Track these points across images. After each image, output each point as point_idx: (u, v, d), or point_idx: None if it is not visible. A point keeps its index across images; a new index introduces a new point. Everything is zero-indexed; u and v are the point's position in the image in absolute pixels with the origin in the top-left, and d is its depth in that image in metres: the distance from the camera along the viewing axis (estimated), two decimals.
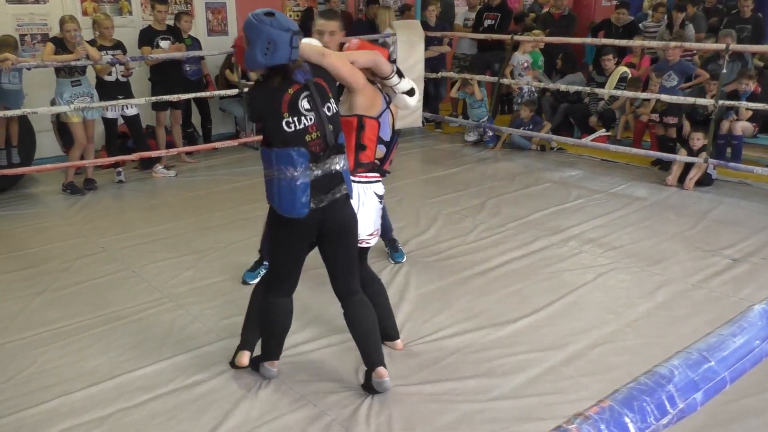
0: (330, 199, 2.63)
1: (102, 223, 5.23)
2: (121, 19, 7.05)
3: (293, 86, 2.56)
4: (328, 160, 2.60)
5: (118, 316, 3.69)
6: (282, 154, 2.54)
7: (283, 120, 2.54)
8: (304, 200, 2.55)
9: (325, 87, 2.65)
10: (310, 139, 2.57)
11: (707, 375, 0.81)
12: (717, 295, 3.94)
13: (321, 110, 2.59)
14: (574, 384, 3.04)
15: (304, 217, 2.59)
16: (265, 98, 2.61)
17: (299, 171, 2.52)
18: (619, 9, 8.61)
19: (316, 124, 2.58)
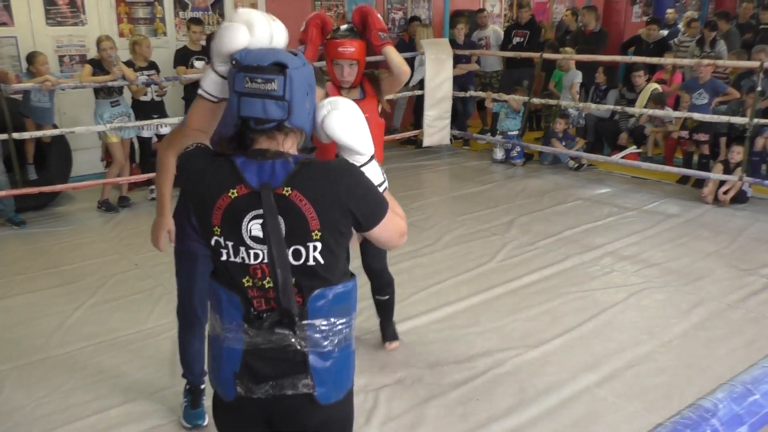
0: (269, 392, 1.51)
1: (136, 239, 5.32)
2: (156, 40, 7.21)
3: (238, 187, 1.46)
4: (277, 329, 1.48)
5: (153, 333, 3.74)
6: (214, 288, 1.56)
7: (212, 237, 1.50)
8: (229, 376, 1.54)
9: (304, 211, 1.44)
10: (250, 285, 1.49)
11: (752, 409, 0.80)
12: (754, 316, 3.86)
13: (279, 247, 1.44)
14: (609, 406, 3.00)
15: (230, 402, 1.57)
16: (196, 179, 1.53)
17: (228, 327, 1.53)
18: (650, 25, 8.56)
19: (266, 266, 1.47)
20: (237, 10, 1.59)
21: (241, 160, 1.46)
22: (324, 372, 1.51)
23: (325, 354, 1.51)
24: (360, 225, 1.50)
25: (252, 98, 1.43)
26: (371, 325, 3.74)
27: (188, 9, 7.50)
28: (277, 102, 1.43)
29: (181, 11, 7.46)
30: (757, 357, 0.98)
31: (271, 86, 1.42)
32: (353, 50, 3.07)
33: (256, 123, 1.45)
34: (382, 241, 1.58)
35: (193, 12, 7.49)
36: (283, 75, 1.42)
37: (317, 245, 1.45)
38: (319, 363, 1.50)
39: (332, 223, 1.45)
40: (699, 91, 6.64)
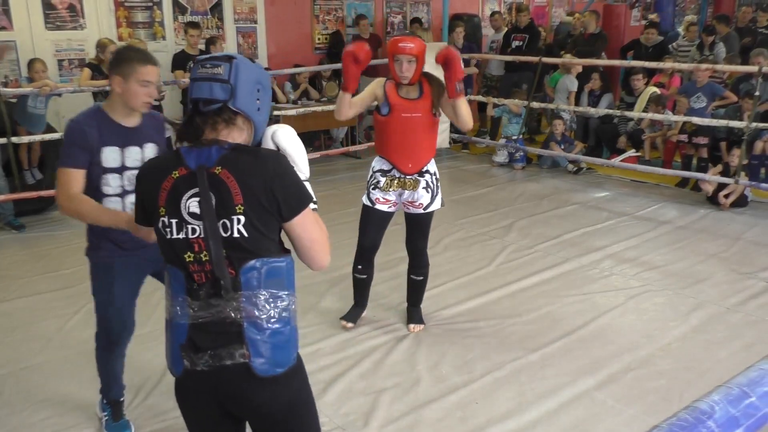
0: (210, 363, 1.59)
1: None
2: (155, 44, 7.23)
3: (179, 169, 1.60)
4: (213, 300, 1.58)
5: (151, 337, 3.72)
6: (166, 270, 1.66)
7: (159, 219, 1.62)
8: (176, 350, 1.63)
9: (230, 186, 1.56)
10: (191, 260, 1.60)
11: (749, 411, 0.79)
12: (753, 319, 3.86)
13: (211, 221, 1.56)
14: (608, 410, 2.99)
15: (180, 378, 1.67)
16: (146, 175, 1.69)
17: (176, 302, 1.63)
18: (648, 29, 8.58)
19: (202, 240, 1.58)
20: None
21: (185, 148, 1.62)
22: (260, 343, 1.58)
23: (260, 326, 1.58)
24: (281, 211, 1.60)
25: (201, 82, 1.60)
26: (375, 333, 3.74)
27: (187, 13, 7.52)
28: (222, 85, 1.59)
29: (180, 15, 7.47)
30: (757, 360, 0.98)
31: (217, 71, 1.60)
32: (413, 46, 3.26)
33: (204, 104, 1.60)
34: (304, 242, 1.66)
35: (192, 16, 7.51)
36: (229, 63, 1.61)
37: (240, 218, 1.56)
38: (255, 334, 1.58)
39: (254, 199, 1.56)
40: (697, 94, 6.66)
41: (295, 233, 1.65)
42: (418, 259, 3.68)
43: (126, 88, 2.44)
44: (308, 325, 3.83)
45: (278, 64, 7.95)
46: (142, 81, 2.44)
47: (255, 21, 8.09)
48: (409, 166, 3.46)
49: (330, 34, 8.65)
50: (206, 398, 1.67)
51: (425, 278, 3.74)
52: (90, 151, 2.47)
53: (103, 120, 2.50)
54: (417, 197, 3.50)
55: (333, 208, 6.11)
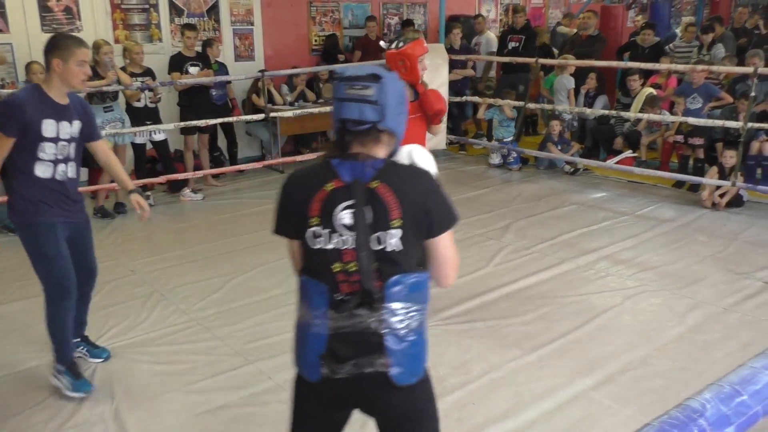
0: (351, 371, 1.65)
1: (132, 246, 5.31)
2: (151, 46, 7.22)
3: (334, 182, 1.66)
4: (358, 311, 1.63)
5: (147, 340, 3.73)
6: (302, 281, 1.72)
7: (310, 229, 1.67)
8: (314, 359, 1.68)
9: (388, 201, 1.63)
10: (338, 270, 1.65)
11: (740, 409, 0.80)
12: (750, 319, 3.86)
13: (364, 234, 1.63)
14: (605, 410, 2.99)
15: (315, 383, 1.72)
16: (298, 184, 1.74)
17: (315, 314, 1.68)
18: (645, 30, 8.59)
19: (354, 252, 1.64)
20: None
21: (337, 161, 1.67)
22: (399, 353, 1.65)
23: (401, 337, 1.65)
24: (431, 226, 1.68)
25: (350, 102, 1.65)
26: None
27: (184, 15, 7.51)
28: (372, 106, 1.64)
29: (177, 17, 7.47)
30: None
31: (367, 92, 1.64)
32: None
33: (353, 125, 1.66)
34: (441, 259, 1.74)
35: (188, 18, 7.50)
36: (377, 83, 1.65)
37: (397, 233, 1.63)
38: (395, 345, 1.65)
39: (411, 214, 1.64)
40: (693, 95, 6.67)
41: (437, 250, 1.72)
42: None
43: (66, 68, 2.90)
44: None
45: (275, 65, 7.95)
46: (80, 62, 2.91)
47: (252, 23, 8.09)
48: None
49: (326, 36, 8.64)
50: (339, 402, 1.75)
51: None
52: (24, 123, 2.85)
53: (41, 96, 2.93)
54: None
55: None
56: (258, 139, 8.15)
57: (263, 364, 3.42)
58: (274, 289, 4.34)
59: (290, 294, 4.33)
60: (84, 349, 3.47)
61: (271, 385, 3.22)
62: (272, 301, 4.17)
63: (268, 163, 7.41)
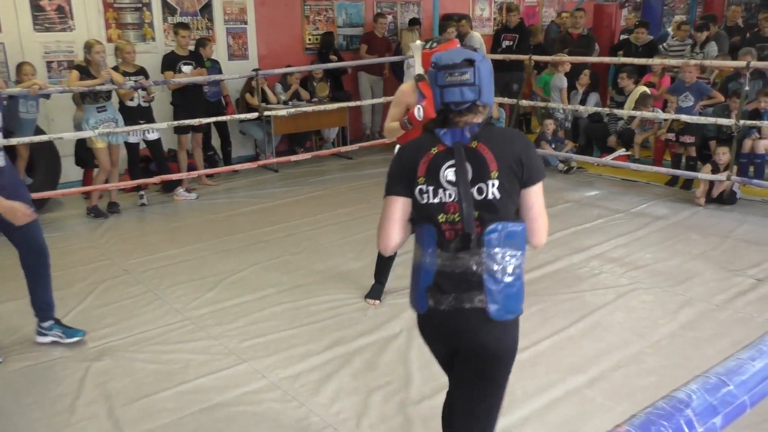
0: (452, 304, 1.92)
1: (125, 245, 5.30)
2: (144, 45, 7.21)
3: (438, 146, 1.94)
4: (460, 253, 1.89)
5: (141, 339, 3.73)
6: (417, 228, 2.00)
7: (417, 187, 1.95)
8: (423, 291, 1.97)
9: (487, 158, 1.89)
10: (443, 220, 1.92)
11: (726, 399, 0.80)
12: (742, 316, 3.88)
13: (466, 187, 1.88)
14: (598, 407, 3.01)
15: (423, 315, 2.01)
16: (407, 153, 2.02)
17: (426, 253, 1.96)
18: (638, 28, 8.62)
19: (457, 203, 1.90)
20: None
21: (439, 130, 1.95)
22: (495, 293, 1.89)
23: (497, 278, 1.89)
24: (524, 176, 1.90)
25: (452, 88, 1.90)
26: (367, 332, 3.75)
27: (177, 14, 7.49)
28: (471, 87, 1.90)
29: (170, 16, 7.45)
30: None
31: (465, 77, 1.90)
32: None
33: (456, 105, 1.92)
34: (534, 212, 1.94)
35: (181, 17, 7.49)
36: (472, 67, 1.90)
37: (495, 183, 1.87)
38: (492, 284, 1.89)
39: (507, 166, 1.88)
40: (685, 93, 6.69)
41: (530, 201, 1.93)
42: None
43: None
44: (300, 325, 3.83)
45: (269, 64, 7.94)
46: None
47: (245, 22, 8.08)
48: None
49: (321, 35, 8.64)
50: (442, 334, 2.01)
51: None
52: None
53: None
54: None
55: (324, 210, 6.12)
56: (252, 138, 8.14)
57: (257, 362, 3.42)
58: (267, 288, 4.34)
59: (284, 293, 4.37)
60: (59, 331, 3.63)
61: (266, 383, 3.22)
62: (266, 300, 4.17)
63: (262, 163, 7.41)
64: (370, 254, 4.92)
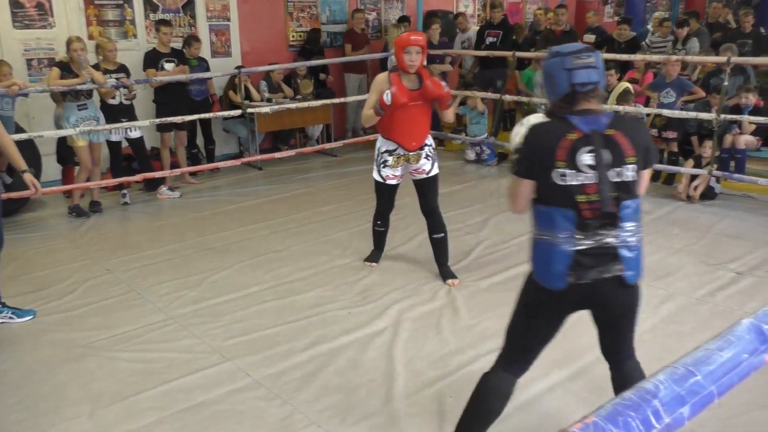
0: (594, 277, 2.15)
1: (107, 244, 5.26)
2: (126, 43, 7.15)
3: (574, 133, 2.11)
4: (600, 230, 2.12)
5: (124, 338, 3.70)
6: (544, 211, 2.17)
7: (555, 170, 2.10)
8: (561, 271, 2.14)
9: (622, 144, 2.11)
10: (582, 201, 2.10)
11: (694, 389, 0.81)
12: (722, 309, 3.92)
13: (604, 171, 2.09)
14: (581, 401, 3.03)
15: (558, 291, 2.19)
16: (540, 138, 2.17)
17: (560, 235, 2.13)
18: (621, 25, 8.67)
19: (596, 186, 2.10)
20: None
21: (571, 116, 2.13)
22: (630, 260, 2.16)
23: (630, 247, 2.16)
24: (647, 160, 2.20)
25: (579, 70, 2.12)
26: (351, 329, 3.75)
27: (159, 11, 7.44)
28: (595, 70, 2.14)
29: (152, 13, 7.40)
30: None
31: (590, 60, 2.13)
32: (421, 39, 3.96)
33: (582, 87, 2.12)
34: (644, 185, 2.25)
35: (163, 14, 7.43)
36: (594, 53, 2.17)
37: (631, 167, 2.12)
38: (626, 254, 2.16)
39: (639, 152, 2.14)
40: (666, 89, 6.74)
41: (644, 178, 2.23)
42: (435, 218, 4.31)
43: None
44: (284, 323, 3.82)
45: (252, 62, 7.90)
46: None
47: (228, 19, 8.03)
48: (413, 144, 4.15)
49: (307, 32, 8.60)
50: (580, 303, 2.25)
51: (446, 234, 4.34)
52: None
53: None
54: (420, 165, 4.22)
55: (308, 207, 6.11)
56: (236, 136, 8.11)
57: (241, 361, 3.41)
58: (252, 286, 4.33)
59: (268, 291, 4.36)
60: (8, 312, 3.84)
61: (250, 381, 3.21)
62: (250, 298, 4.16)
63: (246, 161, 7.38)
64: (354, 252, 4.92)
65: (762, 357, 0.91)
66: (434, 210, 4.31)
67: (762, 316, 0.98)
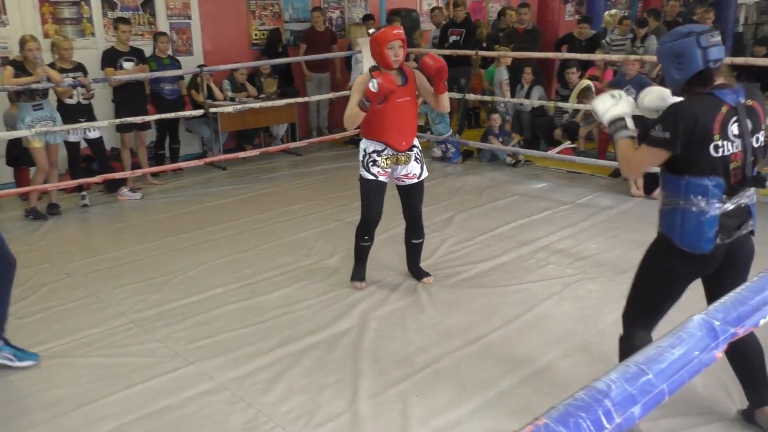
0: (735, 235, 2.40)
1: (67, 248, 5.14)
2: (83, 41, 6.99)
3: (724, 106, 2.32)
4: (740, 192, 2.37)
5: (84, 343, 3.62)
6: (695, 182, 2.34)
7: (712, 143, 2.29)
8: (711, 235, 2.36)
9: (759, 112, 2.39)
10: (733, 167, 2.33)
11: (645, 388, 0.81)
12: (682, 302, 3.97)
13: (748, 138, 2.34)
14: (545, 396, 3.05)
15: (705, 254, 2.40)
16: (697, 115, 2.31)
17: (711, 203, 2.34)
18: (582, 24, 8.79)
19: (741, 153, 2.34)
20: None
21: (717, 91, 2.33)
22: (753, 215, 2.47)
23: (753, 204, 2.47)
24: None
25: (714, 48, 2.33)
26: (315, 330, 3.73)
27: (117, 9, 7.29)
28: (722, 47, 2.37)
29: (110, 11, 7.25)
30: None
31: (718, 38, 2.35)
32: (402, 31, 3.82)
33: (714, 63, 2.34)
34: None
35: (122, 12, 7.29)
36: (718, 31, 2.38)
37: (763, 132, 2.40)
38: (753, 210, 2.47)
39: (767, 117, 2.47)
40: (626, 87, 6.84)
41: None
42: (418, 224, 4.22)
43: None
44: (249, 324, 3.78)
45: (214, 60, 7.79)
46: None
47: (189, 17, 7.91)
48: (403, 144, 3.96)
49: (269, 31, 8.52)
50: (714, 262, 2.45)
51: (424, 239, 4.32)
52: None
53: None
54: (410, 169, 4.04)
55: (273, 207, 6.06)
56: (198, 136, 7.99)
57: (205, 364, 3.36)
58: (215, 288, 4.28)
59: (232, 292, 4.30)
60: (9, 352, 3.30)
61: (213, 385, 3.17)
62: (214, 300, 4.11)
63: (209, 160, 7.28)
64: (319, 252, 4.89)
65: (713, 353, 0.92)
66: (419, 215, 4.20)
67: (713, 312, 0.99)
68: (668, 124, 2.32)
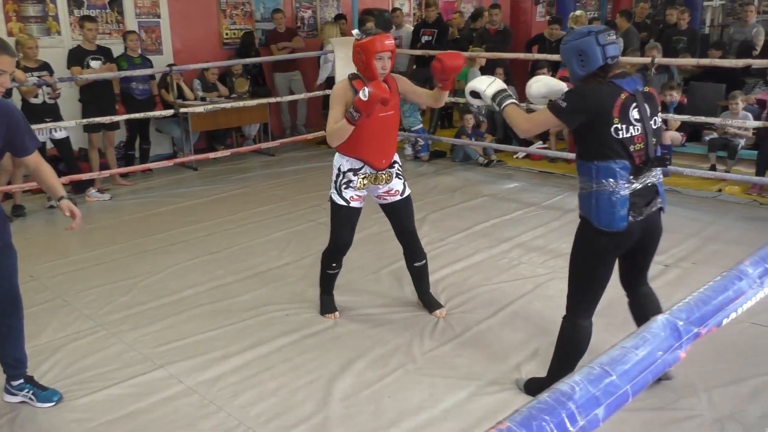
0: (646, 212, 2.65)
1: (32, 250, 5.03)
2: (49, 39, 6.86)
3: (623, 93, 2.55)
4: (646, 172, 2.61)
5: (49, 348, 3.55)
6: (604, 167, 2.56)
7: (612, 126, 2.52)
8: (623, 213, 2.58)
9: (656, 98, 2.69)
10: (634, 149, 2.56)
11: (609, 389, 0.81)
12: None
13: (648, 122, 2.58)
14: (516, 395, 3.07)
15: (620, 232, 2.62)
16: (597, 97, 2.56)
17: (620, 184, 2.56)
18: (552, 24, 8.86)
19: (642, 135, 2.57)
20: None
21: (617, 80, 2.57)
22: (661, 193, 2.72)
23: (661, 183, 2.71)
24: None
25: (610, 45, 2.57)
26: (287, 331, 3.69)
27: (84, 7, 7.16)
28: (617, 45, 2.65)
29: (76, 9, 7.11)
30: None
31: (613, 37, 2.60)
32: (393, 42, 3.48)
33: (612, 59, 2.58)
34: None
35: (88, 10, 7.16)
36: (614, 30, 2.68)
37: (660, 115, 2.70)
38: (660, 188, 2.71)
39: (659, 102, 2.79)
40: None
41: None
42: (414, 244, 3.84)
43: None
44: (219, 326, 3.73)
45: (185, 60, 7.70)
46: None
47: (158, 15, 7.80)
48: (383, 162, 3.59)
49: (241, 35, 8.43)
50: (634, 237, 2.68)
51: (426, 261, 3.89)
52: None
53: None
54: (392, 186, 3.67)
55: (245, 207, 6.01)
56: (169, 136, 7.89)
57: (173, 367, 3.31)
58: (185, 290, 4.22)
59: (202, 294, 4.25)
60: (29, 391, 3.03)
61: (182, 388, 3.13)
62: (183, 303, 4.05)
63: (179, 161, 7.20)
64: (292, 253, 4.86)
65: (677, 353, 0.93)
66: (414, 234, 3.82)
67: (677, 312, 0.99)
68: (568, 98, 2.60)
